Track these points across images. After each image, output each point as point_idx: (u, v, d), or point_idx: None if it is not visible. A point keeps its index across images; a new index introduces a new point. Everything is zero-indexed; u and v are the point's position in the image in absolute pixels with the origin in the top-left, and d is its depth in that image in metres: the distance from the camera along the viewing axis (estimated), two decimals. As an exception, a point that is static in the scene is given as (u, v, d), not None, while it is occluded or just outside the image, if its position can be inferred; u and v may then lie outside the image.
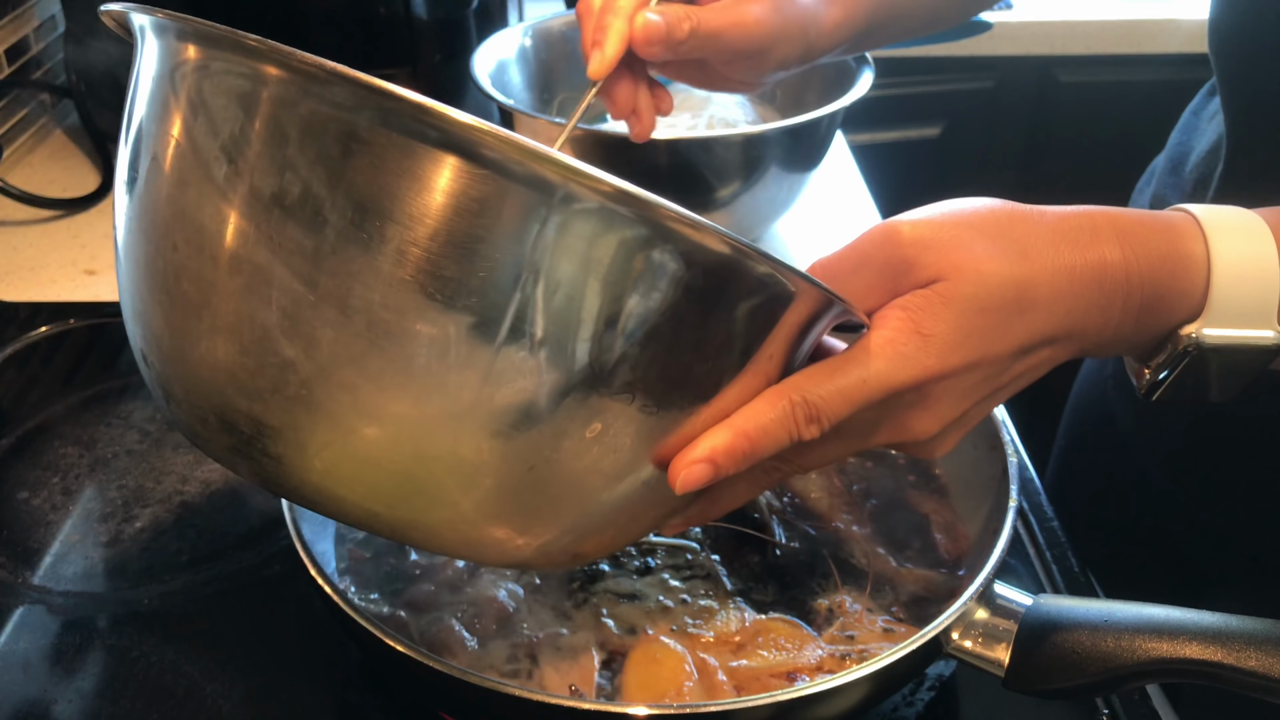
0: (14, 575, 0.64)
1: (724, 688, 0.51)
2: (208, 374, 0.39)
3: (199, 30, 0.37)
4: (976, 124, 1.65)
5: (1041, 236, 0.45)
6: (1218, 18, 0.65)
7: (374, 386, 0.37)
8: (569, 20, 1.04)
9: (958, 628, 0.49)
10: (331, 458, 0.39)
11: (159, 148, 0.39)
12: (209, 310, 0.38)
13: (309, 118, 0.36)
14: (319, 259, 0.36)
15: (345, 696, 0.58)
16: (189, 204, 0.38)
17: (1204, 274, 0.45)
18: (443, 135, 0.34)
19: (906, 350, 0.43)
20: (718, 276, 0.39)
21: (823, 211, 1.04)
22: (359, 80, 0.34)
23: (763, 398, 0.43)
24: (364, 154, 0.35)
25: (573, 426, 0.39)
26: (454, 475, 0.39)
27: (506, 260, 0.36)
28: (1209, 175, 0.67)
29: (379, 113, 0.35)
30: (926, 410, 0.45)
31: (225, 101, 0.37)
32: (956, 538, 0.60)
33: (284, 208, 0.36)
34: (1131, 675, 0.46)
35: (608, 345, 0.38)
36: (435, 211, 0.35)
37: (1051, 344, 0.46)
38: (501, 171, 0.35)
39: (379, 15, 0.99)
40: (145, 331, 0.42)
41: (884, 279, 0.45)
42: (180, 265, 0.38)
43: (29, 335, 0.86)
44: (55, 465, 0.73)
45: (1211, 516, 0.72)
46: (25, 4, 1.11)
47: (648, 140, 0.70)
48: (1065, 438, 0.90)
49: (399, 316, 0.36)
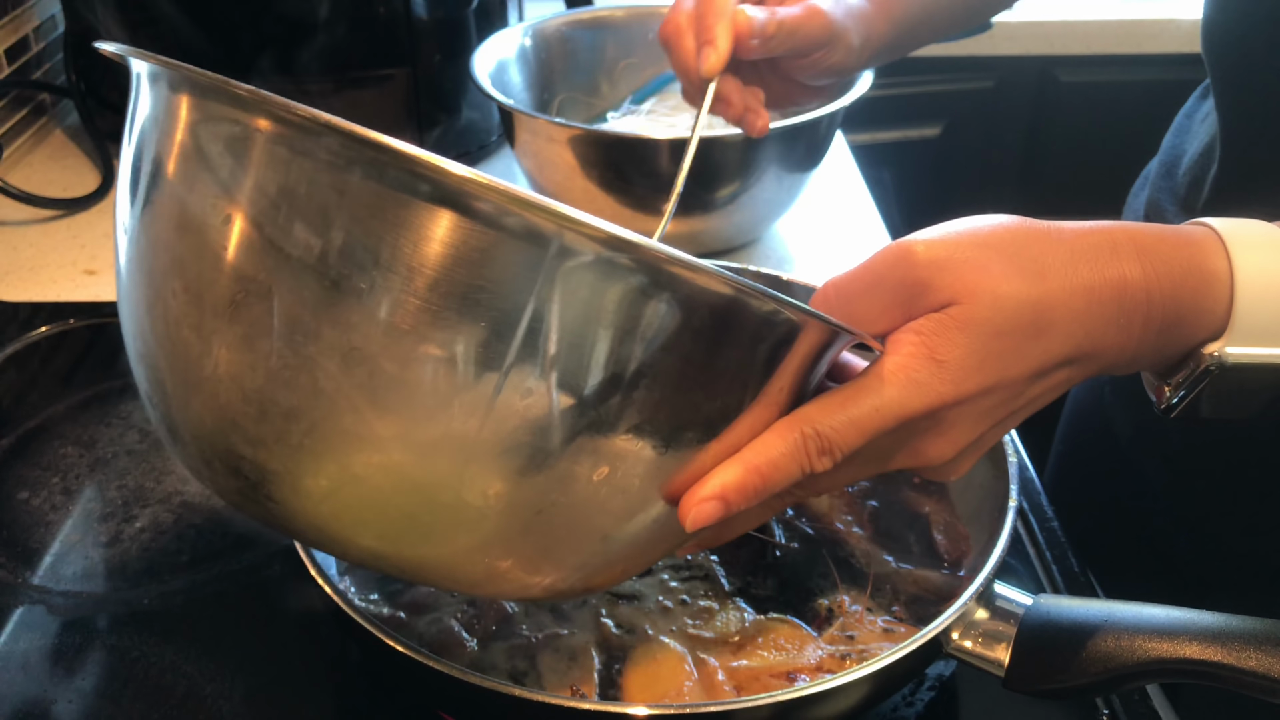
0: (14, 575, 0.64)
1: (724, 688, 0.51)
2: (211, 420, 0.39)
3: (191, 79, 0.37)
4: (976, 124, 1.65)
5: (1059, 255, 0.43)
6: (1210, 18, 0.65)
7: (378, 435, 0.37)
8: (569, 20, 1.04)
9: (958, 628, 0.49)
10: (337, 504, 0.39)
11: (155, 194, 0.39)
12: (210, 358, 0.38)
13: (302, 168, 0.35)
14: (318, 310, 0.35)
15: (345, 696, 0.58)
16: (186, 252, 0.38)
17: (1227, 290, 0.44)
18: (436, 188, 0.34)
19: (920, 377, 0.42)
20: (721, 317, 0.38)
21: (823, 211, 1.04)
22: (351, 132, 0.33)
23: (773, 431, 0.42)
24: (358, 204, 0.35)
25: (580, 470, 0.38)
26: (461, 521, 0.39)
27: (506, 309, 0.35)
28: (1202, 178, 0.67)
29: (371, 165, 0.34)
30: (941, 435, 0.44)
31: (219, 150, 0.37)
32: (956, 538, 0.60)
33: (281, 258, 0.36)
34: (1131, 675, 0.46)
35: (612, 389, 0.37)
36: (433, 262, 0.35)
37: (1069, 365, 0.45)
38: (496, 223, 0.34)
39: (379, 15, 0.99)
40: (149, 374, 0.42)
41: (897, 301, 0.43)
42: (180, 312, 0.38)
43: (29, 335, 0.86)
44: (55, 465, 0.73)
45: (1210, 519, 0.71)
46: (25, 4, 1.11)
47: (768, 133, 0.78)
48: (1063, 441, 0.90)
49: (401, 367, 0.36)
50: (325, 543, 0.42)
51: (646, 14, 1.05)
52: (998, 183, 1.70)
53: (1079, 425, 0.87)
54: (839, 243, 1.00)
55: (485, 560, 0.41)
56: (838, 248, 0.99)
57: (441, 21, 1.03)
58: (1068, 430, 0.89)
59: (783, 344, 0.41)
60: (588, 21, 1.05)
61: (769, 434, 0.42)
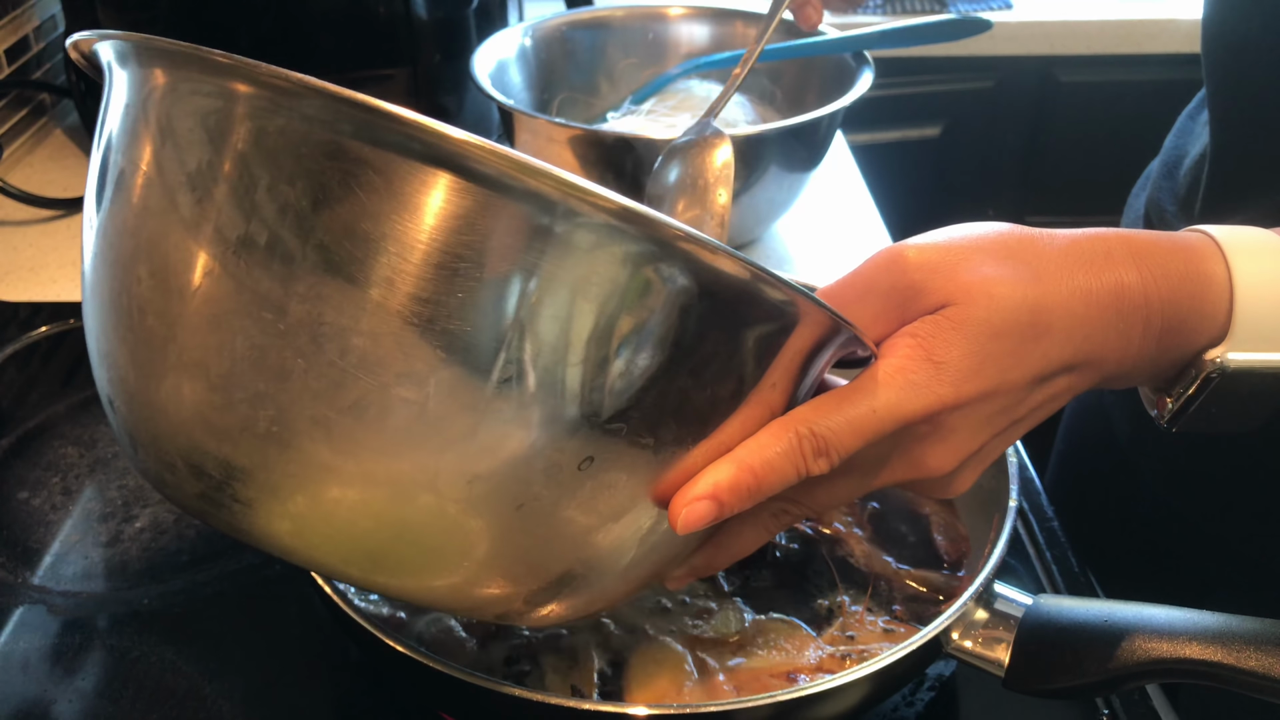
0: (14, 575, 0.64)
1: (724, 688, 0.51)
2: (174, 413, 0.37)
3: (164, 50, 0.35)
4: (976, 124, 1.65)
5: (1053, 260, 0.43)
6: (1210, 17, 0.65)
7: (350, 420, 0.35)
8: (569, 20, 1.04)
9: (958, 628, 0.49)
10: (308, 498, 0.37)
11: (124, 181, 0.37)
12: (175, 345, 0.36)
13: (283, 134, 0.34)
14: (288, 284, 0.34)
15: (345, 696, 0.58)
16: (156, 233, 0.36)
17: (1226, 296, 0.44)
18: (428, 149, 0.32)
19: (918, 379, 0.41)
20: (721, 298, 0.36)
21: (823, 211, 1.04)
22: (334, 93, 0.32)
23: (767, 430, 0.41)
24: (340, 172, 0.33)
25: (562, 458, 0.36)
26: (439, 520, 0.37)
27: (496, 283, 0.33)
28: (1201, 178, 0.67)
29: (356, 126, 0.33)
30: (941, 443, 0.43)
31: (192, 122, 0.35)
32: (956, 538, 0.60)
33: (253, 232, 0.34)
34: (1131, 675, 0.46)
35: (598, 373, 0.35)
36: (410, 236, 0.33)
37: (1070, 371, 0.44)
38: (488, 191, 0.33)
39: (379, 15, 0.99)
40: (110, 373, 0.40)
41: (891, 305, 0.43)
42: (145, 299, 0.36)
43: (29, 335, 0.86)
44: (55, 465, 0.73)
45: (1210, 519, 0.71)
46: (25, 4, 1.11)
47: (816, 28, 0.90)
48: (1064, 440, 0.90)
49: (373, 343, 0.34)
50: (294, 548, 0.38)
51: (646, 14, 1.05)
52: (998, 183, 1.70)
53: (1079, 425, 0.87)
54: (839, 243, 1.00)
55: (463, 563, 0.38)
56: (838, 248, 0.99)
57: (441, 21, 1.03)
58: (1069, 429, 0.89)
59: (779, 333, 0.39)
60: (588, 21, 1.05)
61: (763, 433, 0.41)
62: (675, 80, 1.02)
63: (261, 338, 0.34)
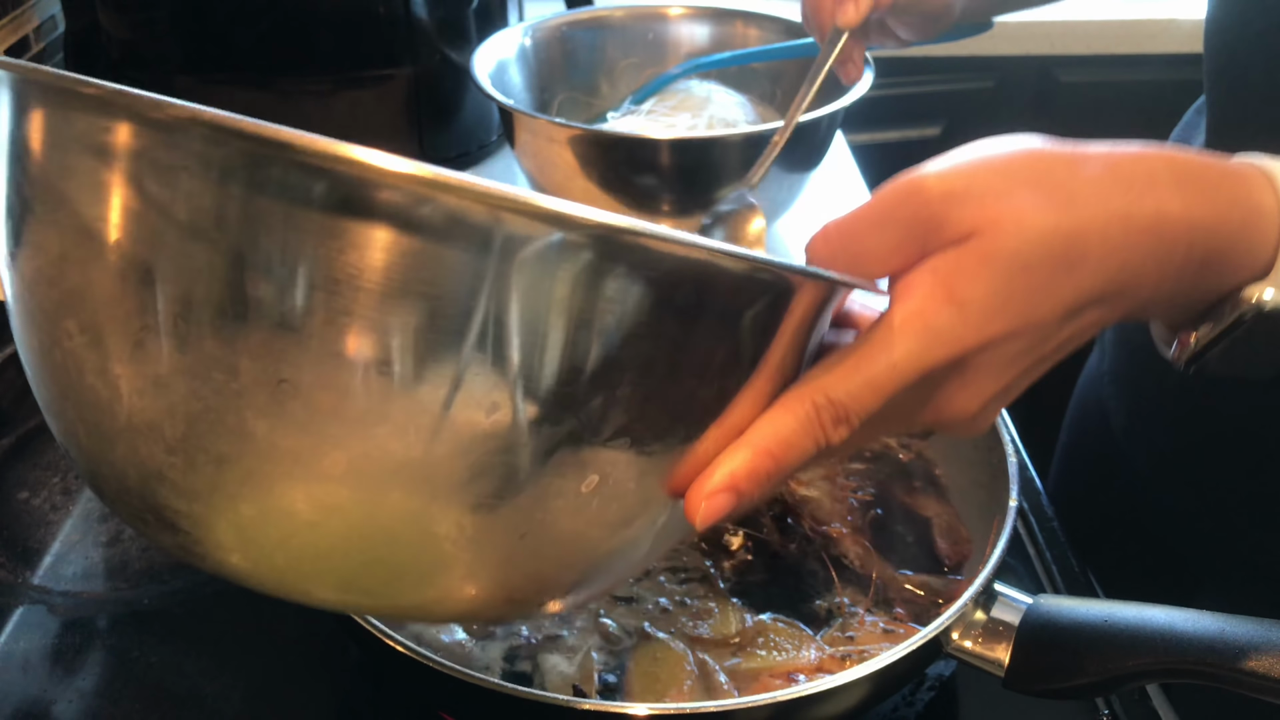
0: (14, 575, 0.64)
1: (724, 688, 0.51)
2: (136, 474, 0.34)
3: (36, 81, 0.31)
4: (976, 124, 1.64)
5: (1090, 181, 0.39)
6: (1213, 16, 0.65)
7: (326, 474, 0.32)
8: (569, 20, 1.04)
9: (958, 628, 0.49)
10: (291, 553, 0.34)
11: (30, 220, 0.33)
12: (122, 406, 0.32)
13: (178, 172, 0.30)
14: (235, 341, 0.30)
15: (345, 696, 0.58)
16: (75, 286, 0.32)
17: (1275, 229, 0.40)
18: (339, 184, 0.28)
19: (939, 323, 0.38)
20: (699, 288, 0.33)
21: (823, 211, 1.04)
22: (224, 124, 0.28)
23: (780, 405, 0.37)
24: (255, 210, 0.29)
25: (565, 484, 0.34)
26: (432, 559, 0.35)
27: (450, 314, 0.30)
28: None
29: (261, 161, 0.29)
30: (965, 387, 0.40)
31: (86, 160, 0.31)
32: (957, 541, 0.60)
33: (179, 285, 0.30)
34: (1131, 675, 0.46)
35: (590, 390, 0.32)
36: (358, 271, 0.29)
37: (1100, 304, 0.40)
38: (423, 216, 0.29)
39: (379, 15, 0.99)
40: (60, 425, 0.36)
41: (911, 238, 0.39)
42: (80, 356, 0.33)
43: (29, 335, 0.86)
44: (55, 465, 0.73)
45: (1204, 517, 0.71)
46: (25, 4, 1.11)
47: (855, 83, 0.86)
48: (1067, 433, 0.89)
49: (339, 397, 0.31)
50: (289, 593, 0.36)
51: (646, 14, 1.05)
52: (998, 183, 1.70)
53: (1082, 419, 0.87)
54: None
55: (470, 594, 0.36)
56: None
57: (441, 21, 1.03)
58: (1072, 424, 0.89)
59: (775, 308, 0.36)
60: (588, 21, 1.05)
61: (775, 410, 0.37)
62: (675, 80, 1.02)
63: (216, 400, 0.31)
